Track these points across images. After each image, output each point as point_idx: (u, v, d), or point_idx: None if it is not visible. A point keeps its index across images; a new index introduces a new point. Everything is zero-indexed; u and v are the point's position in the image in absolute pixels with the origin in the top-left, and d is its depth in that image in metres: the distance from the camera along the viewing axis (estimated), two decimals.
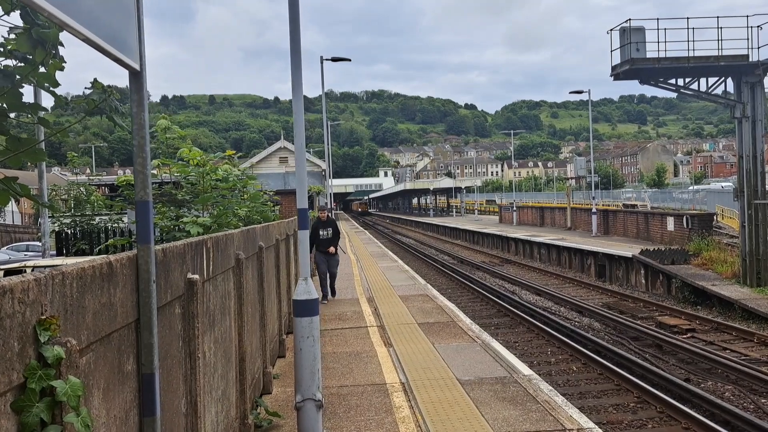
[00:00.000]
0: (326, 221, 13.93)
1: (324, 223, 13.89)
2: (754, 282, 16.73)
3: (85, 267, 2.25)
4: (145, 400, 2.80)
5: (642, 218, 28.62)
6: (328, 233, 13.78)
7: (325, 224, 13.88)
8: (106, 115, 2.73)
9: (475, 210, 72.96)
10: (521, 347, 13.37)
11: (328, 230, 13.82)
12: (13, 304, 1.74)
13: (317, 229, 13.69)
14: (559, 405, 6.35)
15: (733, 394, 10.08)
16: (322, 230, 13.76)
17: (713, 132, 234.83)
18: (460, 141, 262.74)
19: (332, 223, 14.14)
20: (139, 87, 2.78)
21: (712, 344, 13.21)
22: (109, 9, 2.46)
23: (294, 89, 5.66)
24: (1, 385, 1.67)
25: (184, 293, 3.63)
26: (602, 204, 44.75)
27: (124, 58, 2.59)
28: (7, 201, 2.94)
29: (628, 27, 16.93)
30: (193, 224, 5.34)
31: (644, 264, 20.96)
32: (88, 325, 2.24)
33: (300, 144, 5.54)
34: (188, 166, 6.23)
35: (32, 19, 2.53)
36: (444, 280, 24.77)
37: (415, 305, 12.98)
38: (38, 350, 1.85)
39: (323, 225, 13.86)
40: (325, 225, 13.88)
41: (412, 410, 6.32)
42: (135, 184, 2.82)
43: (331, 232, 13.85)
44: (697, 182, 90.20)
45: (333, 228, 13.95)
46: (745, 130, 16.86)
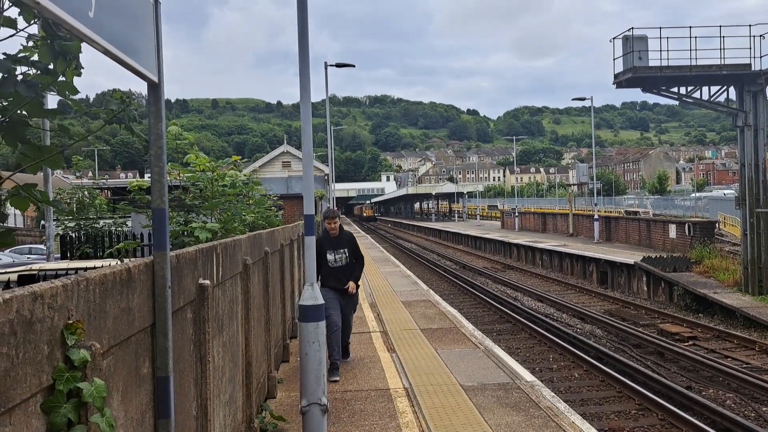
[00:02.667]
0: (337, 237, 8.43)
1: (333, 240, 8.41)
2: (756, 290, 16.77)
3: (107, 273, 2.33)
4: (159, 402, 2.88)
5: (644, 225, 28.66)
6: (340, 258, 8.35)
7: (335, 242, 8.40)
8: (124, 124, 2.81)
9: (477, 215, 73.01)
10: (523, 353, 13.42)
11: (340, 253, 8.36)
12: (43, 309, 1.82)
13: (323, 250, 8.26)
14: (562, 411, 6.41)
15: (734, 402, 10.12)
16: (330, 252, 8.33)
17: (715, 139, 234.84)
18: (462, 146, 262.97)
19: (346, 239, 8.51)
20: (157, 99, 2.86)
21: (713, 352, 13.25)
22: (129, 23, 2.55)
23: (302, 96, 5.74)
24: (32, 387, 1.75)
25: (196, 298, 3.70)
26: (604, 211, 44.79)
27: (143, 71, 2.68)
28: (26, 207, 3.03)
29: (631, 35, 17.02)
30: (202, 229, 5.42)
31: (646, 271, 21.00)
32: (109, 329, 2.32)
33: (308, 150, 5.63)
34: (195, 171, 6.31)
35: (53, 31, 2.61)
36: (446, 286, 24.82)
37: (418, 311, 13.04)
38: (65, 353, 1.92)
39: (332, 244, 8.40)
40: (336, 243, 8.39)
41: (416, 415, 6.38)
42: (152, 192, 2.90)
43: (345, 255, 8.37)
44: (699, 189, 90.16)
45: (349, 247, 8.44)
46: (747, 138, 16.92)
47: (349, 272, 8.38)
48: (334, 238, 8.40)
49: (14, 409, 1.66)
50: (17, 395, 1.67)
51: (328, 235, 8.42)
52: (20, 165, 2.74)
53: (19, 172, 3.02)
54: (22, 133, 2.55)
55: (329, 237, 8.41)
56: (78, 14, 2.01)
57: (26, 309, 1.72)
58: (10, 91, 2.40)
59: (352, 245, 8.49)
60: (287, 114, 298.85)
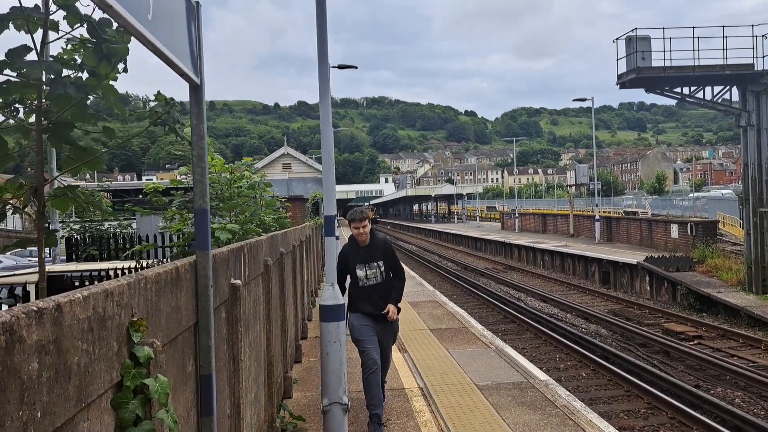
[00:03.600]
0: (367, 246, 6.31)
1: (362, 250, 6.31)
2: (760, 289, 16.83)
3: (160, 272, 2.36)
4: (203, 400, 2.91)
5: (645, 225, 28.74)
6: (374, 273, 6.27)
7: (365, 253, 6.30)
8: (168, 126, 2.84)
9: (477, 217, 73.09)
10: (530, 353, 13.45)
11: (373, 267, 6.28)
12: (113, 306, 1.85)
13: (349, 264, 6.32)
14: (578, 410, 6.45)
15: (743, 401, 10.17)
16: (360, 266, 6.26)
17: (712, 139, 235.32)
18: (460, 147, 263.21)
19: (380, 249, 6.34)
20: (199, 100, 2.90)
21: (719, 351, 13.30)
22: (177, 25, 2.59)
23: (321, 98, 5.78)
24: (105, 383, 1.78)
25: (228, 298, 3.74)
26: (603, 211, 44.88)
27: (188, 72, 2.72)
28: (67, 207, 3.06)
29: (634, 36, 17.09)
30: (222, 230, 5.45)
31: (649, 271, 21.06)
32: (163, 327, 2.36)
33: (328, 153, 5.66)
34: (213, 172, 6.35)
35: (98, 34, 2.65)
36: (449, 287, 24.86)
37: (426, 311, 13.08)
38: (131, 350, 1.96)
39: (361, 256, 6.30)
40: (367, 255, 6.29)
41: (433, 414, 6.41)
42: (194, 192, 2.94)
43: (380, 270, 6.29)
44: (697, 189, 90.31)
45: (384, 259, 6.32)
46: (750, 138, 16.99)
47: (387, 292, 6.20)
48: (364, 247, 6.18)
49: (91, 404, 1.70)
50: (94, 391, 1.70)
51: (356, 244, 6.22)
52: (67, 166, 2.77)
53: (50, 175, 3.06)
54: (67, 135, 2.59)
55: (357, 247, 6.21)
56: (139, 16, 2.05)
57: (100, 306, 1.76)
58: (60, 93, 2.43)
59: (389, 255, 6.25)
60: (285, 116, 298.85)
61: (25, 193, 2.79)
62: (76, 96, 2.58)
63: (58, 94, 2.55)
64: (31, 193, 2.82)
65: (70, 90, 2.55)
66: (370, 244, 6.28)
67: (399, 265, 6.47)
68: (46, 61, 2.70)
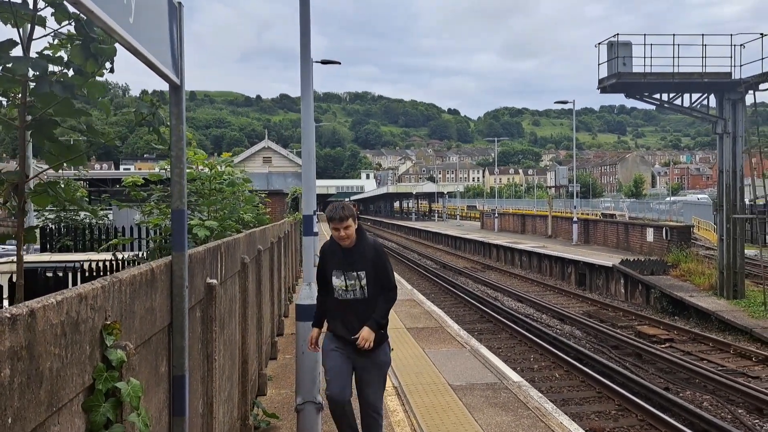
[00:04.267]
0: (351, 250, 4.89)
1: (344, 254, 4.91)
2: (731, 294, 17.14)
3: (135, 274, 2.37)
4: (175, 400, 2.92)
5: (622, 228, 29.10)
6: (353, 285, 4.87)
7: (347, 258, 4.90)
8: (152, 127, 2.84)
9: (457, 215, 73.40)
10: (505, 353, 13.57)
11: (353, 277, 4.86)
12: (87, 310, 1.86)
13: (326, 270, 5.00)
14: (549, 412, 6.54)
15: (711, 404, 10.37)
16: (337, 274, 4.90)
17: (690, 144, 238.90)
18: (442, 146, 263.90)
19: (369, 255, 4.89)
20: (179, 100, 2.90)
21: (689, 354, 13.54)
22: (158, 26, 2.59)
23: (303, 93, 5.79)
24: (76, 387, 1.79)
25: (204, 297, 3.74)
26: (581, 213, 45.37)
27: (168, 73, 2.72)
28: (47, 203, 3.05)
29: (616, 41, 17.28)
30: (200, 227, 5.43)
31: (624, 274, 21.34)
32: (136, 329, 2.36)
33: (308, 150, 5.67)
34: (193, 167, 6.32)
35: (86, 32, 2.64)
36: (427, 285, 24.97)
37: (403, 309, 13.14)
38: (104, 353, 1.97)
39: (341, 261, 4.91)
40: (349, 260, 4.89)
41: (407, 414, 6.47)
42: (172, 193, 2.94)
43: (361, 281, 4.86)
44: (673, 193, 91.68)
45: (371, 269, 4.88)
46: (725, 145, 17.28)
47: (368, 312, 4.76)
48: (347, 250, 4.81)
49: (62, 408, 1.70)
50: (65, 395, 1.71)
51: (337, 246, 4.86)
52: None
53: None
54: (50, 132, 2.58)
55: (338, 248, 4.85)
56: (121, 20, 2.05)
57: (74, 310, 1.76)
58: (46, 92, 2.42)
59: (378, 266, 4.81)
60: (266, 108, 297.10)
61: (6, 189, 2.77)
62: (62, 95, 2.58)
63: (43, 93, 2.54)
64: (11, 189, 2.81)
65: (56, 89, 2.54)
66: (356, 248, 4.80)
67: (391, 279, 4.86)
68: (33, 57, 2.68)
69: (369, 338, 4.73)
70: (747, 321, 15.01)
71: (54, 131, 2.63)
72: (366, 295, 4.82)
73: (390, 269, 4.97)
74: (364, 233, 4.95)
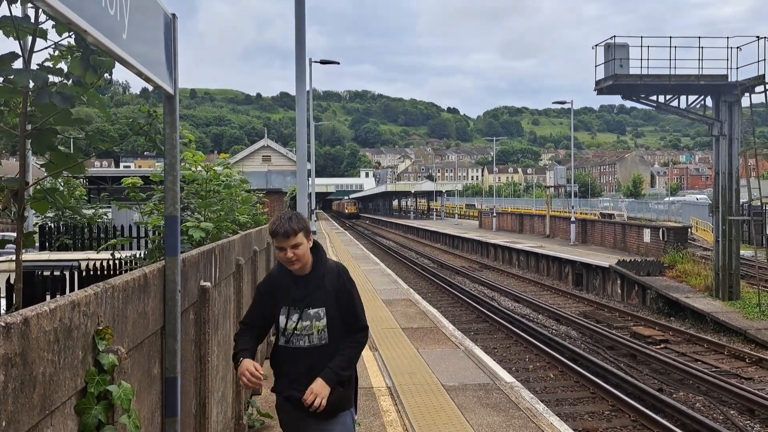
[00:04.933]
0: (306, 278, 3.49)
1: (296, 284, 3.49)
2: (726, 296, 17.23)
3: (128, 280, 2.45)
4: (167, 402, 3.00)
5: (619, 229, 29.19)
6: (307, 327, 3.46)
7: (300, 289, 3.48)
8: (149, 136, 2.92)
9: (456, 214, 73.48)
10: (500, 353, 13.66)
11: (308, 315, 3.46)
12: (80, 317, 1.94)
13: (274, 305, 3.54)
14: (540, 413, 6.63)
15: (703, 405, 10.46)
16: (286, 311, 3.49)
17: (690, 144, 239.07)
18: (441, 144, 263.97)
19: (328, 282, 3.50)
20: (173, 109, 2.98)
21: (684, 355, 13.63)
22: (152, 41, 2.67)
23: (298, 99, 5.86)
24: (69, 390, 1.87)
25: (198, 300, 3.82)
26: (580, 213, 45.40)
27: (161, 84, 2.80)
28: (46, 209, 3.13)
29: (613, 43, 17.35)
30: (196, 228, 5.50)
31: (620, 274, 21.43)
32: (129, 333, 2.44)
33: (302, 153, 5.74)
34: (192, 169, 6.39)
35: (86, 44, 2.72)
36: (424, 284, 25.05)
37: (399, 310, 13.22)
38: (96, 357, 2.04)
39: (292, 294, 3.49)
40: (302, 291, 3.48)
41: (399, 414, 6.55)
42: (165, 199, 3.02)
43: (320, 320, 3.47)
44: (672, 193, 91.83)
45: (332, 303, 3.50)
46: (722, 147, 17.36)
47: (324, 361, 3.46)
48: (300, 279, 3.51)
49: (55, 411, 1.78)
50: (58, 398, 1.79)
51: (286, 274, 3.54)
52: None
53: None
54: (50, 141, 2.66)
55: (288, 278, 3.53)
56: (114, 37, 2.13)
57: (67, 317, 1.84)
58: (46, 103, 2.50)
59: (344, 298, 3.56)
60: (267, 106, 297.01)
61: (5, 196, 2.85)
62: (61, 105, 2.66)
63: (43, 103, 2.62)
64: (11, 195, 2.88)
65: (56, 99, 2.62)
66: (311, 275, 3.48)
67: (360, 317, 3.58)
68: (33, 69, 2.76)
69: (320, 394, 3.32)
70: (741, 322, 15.10)
71: (53, 140, 2.71)
72: (326, 341, 3.44)
73: (359, 303, 3.61)
74: (322, 254, 3.55)
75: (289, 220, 3.42)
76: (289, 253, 3.38)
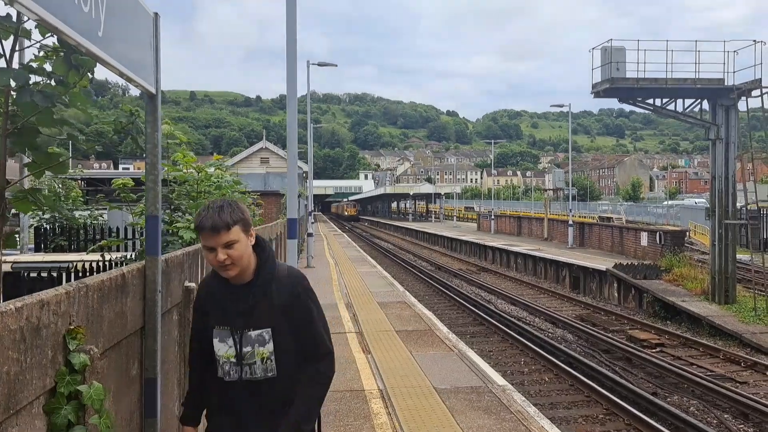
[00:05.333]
0: (248, 285, 2.66)
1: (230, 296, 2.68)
2: (722, 299, 17.21)
3: (104, 279, 2.43)
4: (147, 402, 2.98)
5: (617, 232, 29.18)
6: (249, 352, 2.66)
7: (237, 301, 2.66)
8: (130, 135, 2.91)
9: (454, 216, 73.47)
10: (495, 356, 13.64)
11: (250, 338, 2.65)
12: (49, 315, 1.92)
13: (206, 324, 2.75)
14: (531, 416, 6.60)
15: (697, 409, 10.43)
16: (221, 331, 2.69)
17: (689, 148, 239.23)
18: (440, 147, 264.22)
19: (277, 295, 2.66)
20: (154, 109, 2.96)
21: (679, 359, 13.60)
22: (131, 38, 2.65)
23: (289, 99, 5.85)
24: (37, 389, 1.85)
25: (182, 300, 3.80)
26: (579, 216, 45.39)
27: (142, 83, 2.79)
28: (29, 209, 3.11)
29: (610, 47, 17.35)
30: (187, 229, 5.49)
31: (617, 278, 21.41)
32: (105, 333, 2.42)
33: (293, 153, 5.73)
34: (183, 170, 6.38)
35: (68, 43, 2.71)
36: (422, 287, 25.03)
37: (394, 312, 13.20)
38: (67, 357, 2.03)
39: (229, 308, 2.68)
40: (241, 306, 2.66)
41: (390, 417, 6.53)
42: (146, 199, 3.00)
43: (265, 344, 2.66)
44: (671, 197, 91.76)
45: (285, 321, 2.67)
46: (718, 151, 17.36)
47: (278, 401, 2.70)
48: (239, 289, 2.69)
49: (21, 411, 1.76)
50: (24, 398, 1.77)
51: (221, 283, 2.73)
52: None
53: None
54: (32, 140, 2.65)
55: (223, 288, 2.72)
56: (89, 35, 2.12)
57: (35, 316, 1.82)
58: (27, 101, 2.49)
59: (298, 315, 2.72)
60: (266, 109, 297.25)
61: None
62: (43, 104, 2.64)
63: (25, 102, 2.60)
64: None
65: (37, 98, 2.60)
66: (254, 284, 2.69)
67: (320, 339, 2.75)
68: (15, 69, 2.75)
69: None
70: (737, 326, 15.08)
71: (35, 140, 2.69)
72: (273, 374, 2.66)
73: (321, 321, 2.74)
74: (269, 255, 2.72)
75: (220, 210, 2.55)
76: (220, 255, 2.52)
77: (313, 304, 2.79)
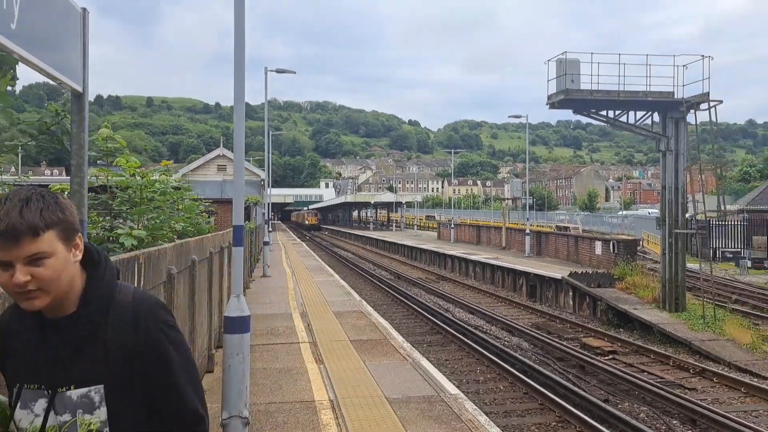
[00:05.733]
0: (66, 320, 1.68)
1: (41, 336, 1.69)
2: (673, 307, 17.59)
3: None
4: None
5: (572, 241, 29.65)
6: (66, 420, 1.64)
7: (47, 346, 1.69)
8: (56, 136, 2.77)
9: (415, 225, 73.74)
10: (451, 365, 13.64)
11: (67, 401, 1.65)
12: None
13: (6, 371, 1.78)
14: (482, 424, 6.58)
15: (647, 416, 10.59)
16: (28, 396, 1.71)
17: (643, 160, 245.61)
18: (402, 156, 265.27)
19: (110, 323, 1.69)
20: (81, 108, 2.83)
21: (631, 366, 13.81)
22: (56, 35, 2.52)
23: (236, 102, 5.74)
24: None
25: None
26: (536, 225, 46.04)
27: (67, 81, 2.65)
28: None
29: (564, 59, 17.65)
30: (128, 236, 5.31)
31: (572, 286, 21.71)
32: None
33: (239, 158, 5.61)
34: (125, 175, 6.20)
35: None
36: (380, 296, 24.95)
37: (349, 322, 13.08)
38: None
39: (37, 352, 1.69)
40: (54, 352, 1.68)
41: (339, 428, 6.42)
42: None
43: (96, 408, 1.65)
44: (626, 207, 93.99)
45: (120, 364, 1.68)
46: (669, 162, 17.79)
47: None
48: (55, 326, 1.69)
49: None
50: None
51: (29, 319, 1.71)
52: None
53: None
54: None
55: (32, 326, 1.71)
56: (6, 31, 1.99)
57: None
58: None
59: (149, 365, 1.72)
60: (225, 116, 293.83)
61: None
62: None
63: None
64: None
65: None
66: (77, 318, 1.71)
67: (186, 400, 1.79)
68: None
69: None
70: (687, 333, 15.42)
71: None
72: None
73: (185, 371, 1.81)
74: (106, 273, 1.79)
75: (24, 206, 1.60)
76: (19, 276, 1.59)
77: (175, 346, 1.79)
